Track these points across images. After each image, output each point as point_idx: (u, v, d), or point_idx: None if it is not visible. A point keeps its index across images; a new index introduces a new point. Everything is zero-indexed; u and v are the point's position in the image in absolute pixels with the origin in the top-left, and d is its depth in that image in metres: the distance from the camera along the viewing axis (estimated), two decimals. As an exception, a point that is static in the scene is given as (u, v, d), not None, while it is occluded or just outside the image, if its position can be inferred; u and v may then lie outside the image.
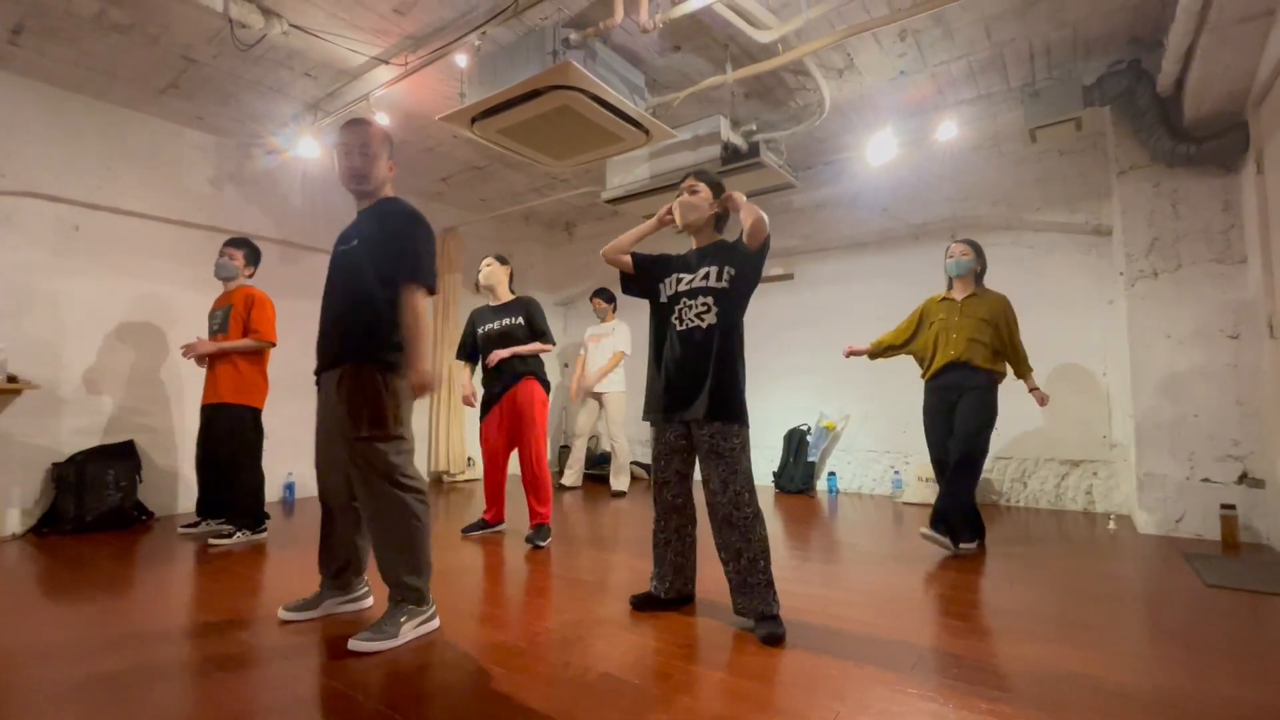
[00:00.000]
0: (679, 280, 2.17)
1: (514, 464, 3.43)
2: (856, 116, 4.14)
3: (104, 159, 3.86)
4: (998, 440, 4.27)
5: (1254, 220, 3.00)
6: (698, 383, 2.05)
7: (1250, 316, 3.16)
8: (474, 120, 3.24)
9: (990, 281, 4.31)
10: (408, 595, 1.93)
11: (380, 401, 1.94)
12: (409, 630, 1.89)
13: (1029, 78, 3.59)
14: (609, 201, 4.52)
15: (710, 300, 2.09)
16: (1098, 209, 4.00)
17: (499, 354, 3.23)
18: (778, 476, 4.96)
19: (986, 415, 2.89)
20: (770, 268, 5.39)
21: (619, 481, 4.86)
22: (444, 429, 5.62)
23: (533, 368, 3.29)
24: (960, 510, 2.88)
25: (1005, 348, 2.96)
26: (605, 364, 4.89)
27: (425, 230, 2.02)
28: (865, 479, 4.84)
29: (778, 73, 3.54)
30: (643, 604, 2.20)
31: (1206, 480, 3.24)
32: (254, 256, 3.51)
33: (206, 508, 3.48)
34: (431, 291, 1.99)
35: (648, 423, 2.21)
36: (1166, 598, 2.28)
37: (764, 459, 5.23)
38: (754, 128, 3.96)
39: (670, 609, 2.18)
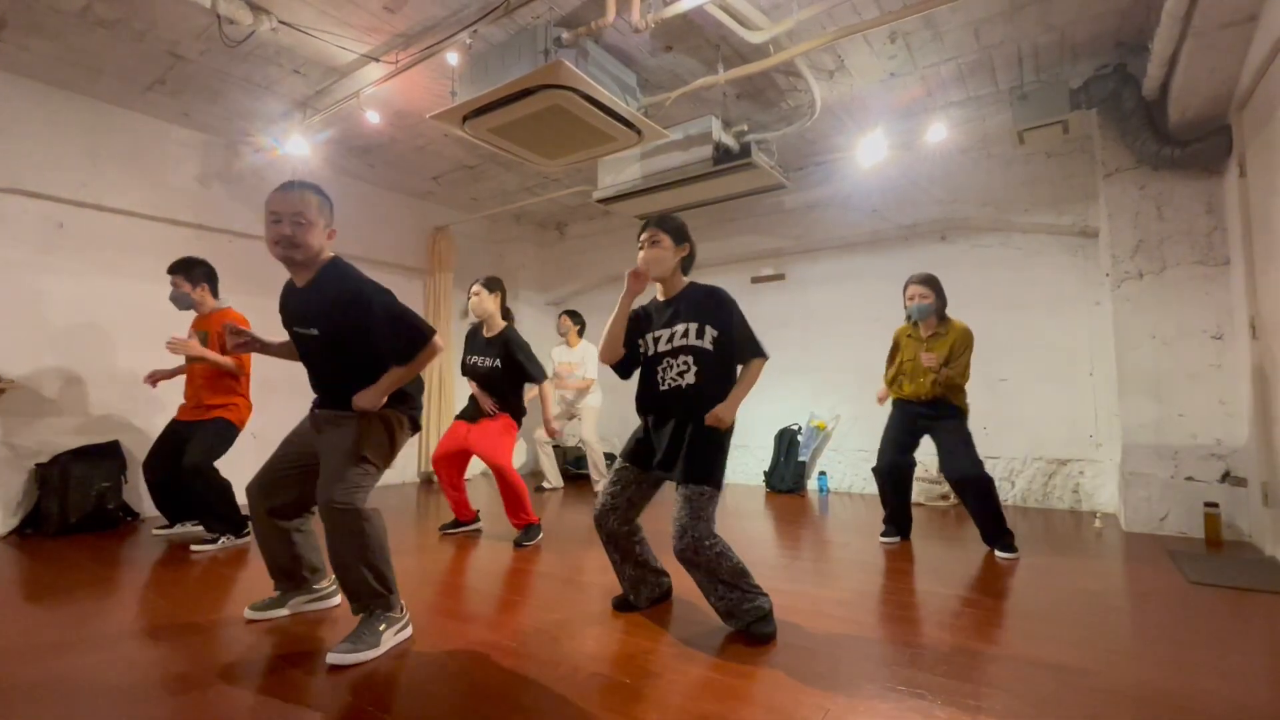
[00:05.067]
0: (656, 340, 2.09)
1: (475, 468, 3.45)
2: (847, 118, 4.16)
3: (89, 155, 3.81)
4: (986, 440, 4.31)
5: (1237, 223, 3.05)
6: (676, 445, 2.01)
7: (1233, 317, 3.21)
8: (465, 119, 3.22)
9: (978, 283, 4.37)
10: (375, 602, 1.86)
11: (391, 436, 1.99)
12: (389, 638, 1.84)
13: (1017, 80, 3.63)
14: (601, 201, 4.52)
15: (690, 359, 2.02)
16: (1084, 211, 4.04)
17: (487, 403, 3.27)
18: (769, 476, 4.98)
19: (969, 439, 2.98)
20: (761, 268, 5.42)
21: (600, 483, 4.87)
22: (435, 430, 5.60)
23: (505, 408, 3.28)
24: (1000, 520, 2.91)
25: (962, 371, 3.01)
26: (576, 394, 4.92)
27: (389, 295, 1.93)
28: (856, 479, 4.86)
29: (769, 74, 3.55)
30: (623, 606, 2.19)
31: (1190, 479, 3.28)
32: (202, 275, 3.25)
33: (172, 511, 3.40)
34: (433, 334, 1.95)
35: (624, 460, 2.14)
36: (1151, 595, 2.31)
37: (755, 459, 5.25)
38: (745, 128, 3.97)
39: (652, 609, 2.18)
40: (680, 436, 2.02)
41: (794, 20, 2.87)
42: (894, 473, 3.14)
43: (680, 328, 2.05)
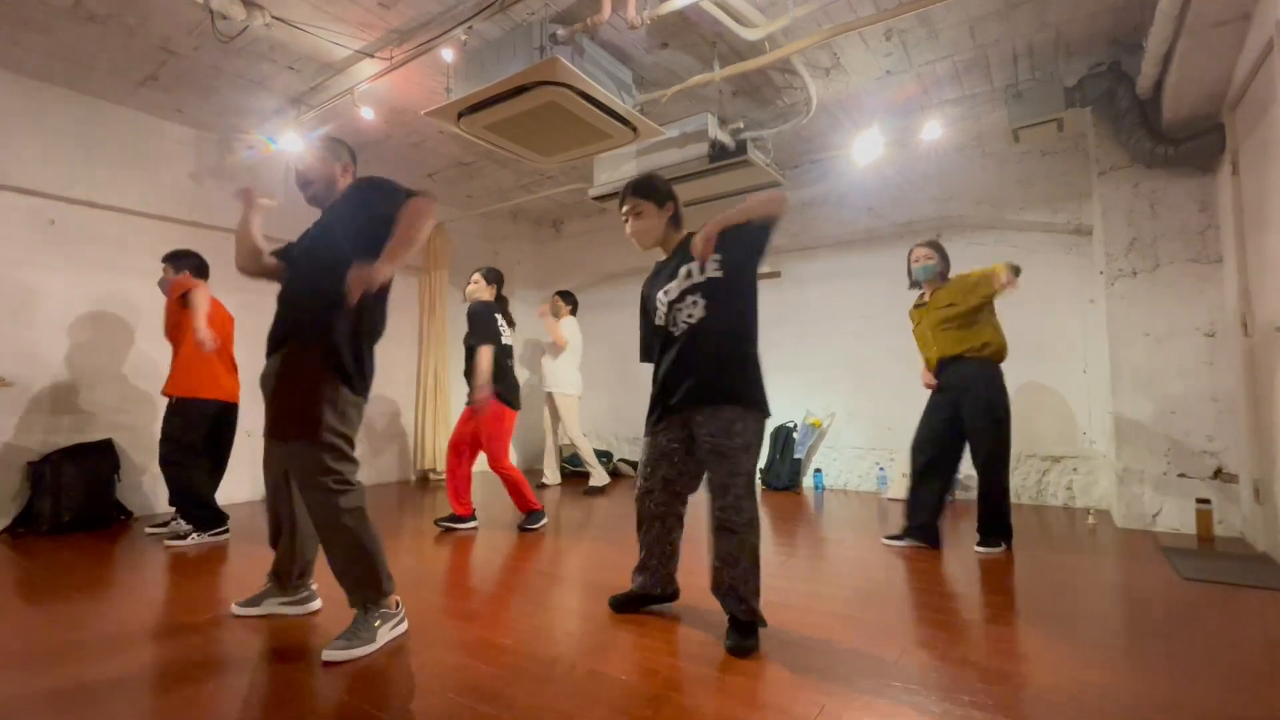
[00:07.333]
0: (665, 295, 2.02)
1: (481, 463, 3.57)
2: (843, 115, 4.16)
3: (81, 152, 3.78)
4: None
5: (1229, 220, 3.06)
6: (689, 376, 1.93)
7: (1225, 315, 3.23)
8: (461, 115, 3.21)
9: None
10: (368, 597, 1.84)
11: (317, 394, 1.79)
12: (385, 634, 1.83)
13: (1012, 79, 3.63)
14: (596, 198, 4.51)
15: (698, 296, 1.94)
16: (1079, 209, 4.06)
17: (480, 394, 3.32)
18: (764, 473, 4.98)
19: (994, 413, 2.87)
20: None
21: (594, 478, 4.90)
22: (429, 427, 5.59)
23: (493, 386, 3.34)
24: (994, 513, 2.89)
25: (976, 303, 2.88)
26: (558, 362, 4.99)
27: (389, 180, 1.97)
28: (851, 476, 4.88)
29: (765, 71, 3.54)
30: (623, 605, 2.14)
31: (1183, 475, 3.30)
32: (185, 264, 3.34)
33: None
34: (429, 199, 1.86)
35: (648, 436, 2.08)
36: (1144, 591, 2.33)
37: (751, 456, 5.26)
38: (741, 126, 3.96)
39: (653, 606, 2.16)
40: (692, 367, 1.91)
41: (790, 17, 2.86)
42: (925, 462, 3.03)
43: (683, 270, 1.98)
